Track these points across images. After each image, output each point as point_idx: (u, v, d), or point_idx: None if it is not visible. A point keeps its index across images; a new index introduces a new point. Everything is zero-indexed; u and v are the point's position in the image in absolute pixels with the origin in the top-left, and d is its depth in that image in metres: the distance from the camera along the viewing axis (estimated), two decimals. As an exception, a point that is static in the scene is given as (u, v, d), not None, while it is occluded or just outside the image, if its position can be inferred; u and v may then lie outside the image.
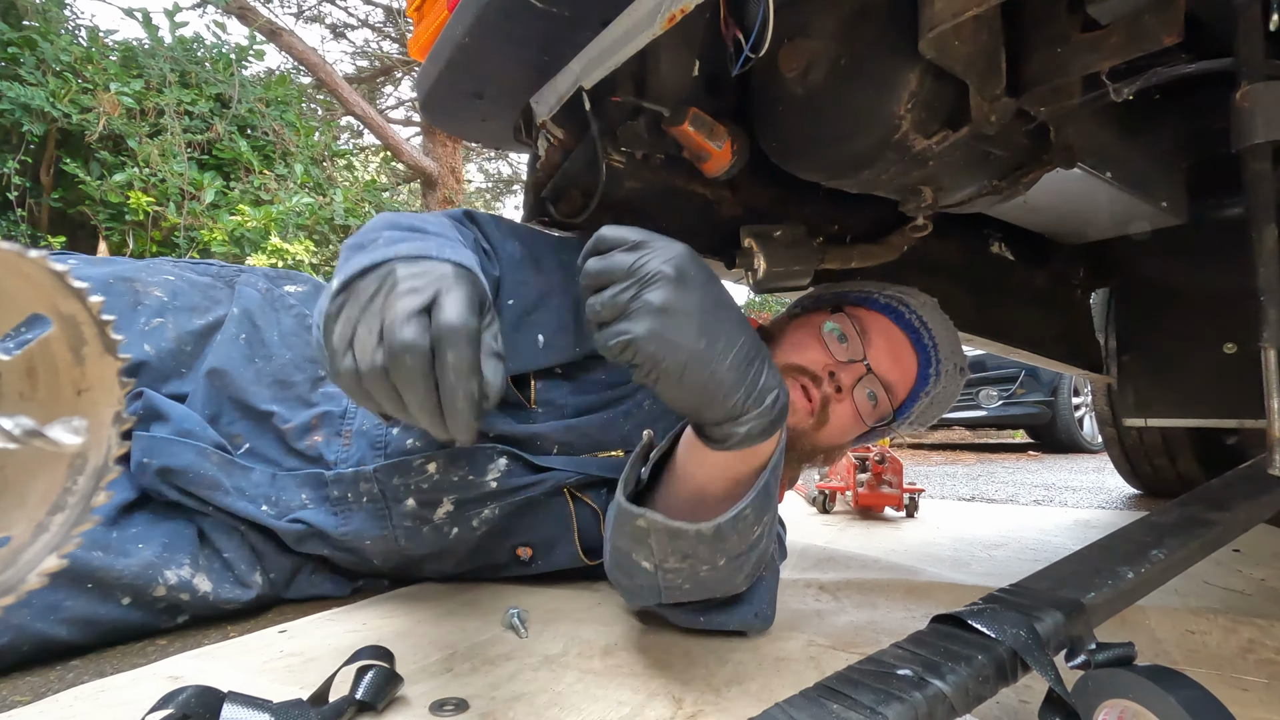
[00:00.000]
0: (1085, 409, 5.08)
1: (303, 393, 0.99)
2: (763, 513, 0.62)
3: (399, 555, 0.97)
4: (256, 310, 1.03)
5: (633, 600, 0.81)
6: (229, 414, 0.96)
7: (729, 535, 0.61)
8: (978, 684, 0.46)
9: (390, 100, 10.97)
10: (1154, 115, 1.23)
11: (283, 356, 1.00)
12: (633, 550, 0.67)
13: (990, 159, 0.87)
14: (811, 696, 0.45)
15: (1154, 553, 0.61)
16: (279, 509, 0.92)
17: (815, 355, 0.95)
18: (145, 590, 0.83)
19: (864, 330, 0.97)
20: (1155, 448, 2.15)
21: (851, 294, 1.05)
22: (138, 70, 4.64)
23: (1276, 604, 0.97)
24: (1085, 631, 0.53)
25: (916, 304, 1.02)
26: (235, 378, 0.96)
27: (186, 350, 0.99)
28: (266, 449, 0.95)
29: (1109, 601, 0.55)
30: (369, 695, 0.60)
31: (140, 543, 0.85)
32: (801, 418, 0.93)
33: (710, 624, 0.80)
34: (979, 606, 0.55)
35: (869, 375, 0.95)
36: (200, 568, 0.88)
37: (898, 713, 0.42)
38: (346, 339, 0.50)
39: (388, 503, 0.93)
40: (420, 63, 0.97)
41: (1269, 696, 0.64)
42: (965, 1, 0.64)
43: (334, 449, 0.96)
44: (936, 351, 0.99)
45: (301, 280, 1.12)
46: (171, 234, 4.36)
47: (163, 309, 0.98)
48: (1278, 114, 0.61)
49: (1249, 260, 0.62)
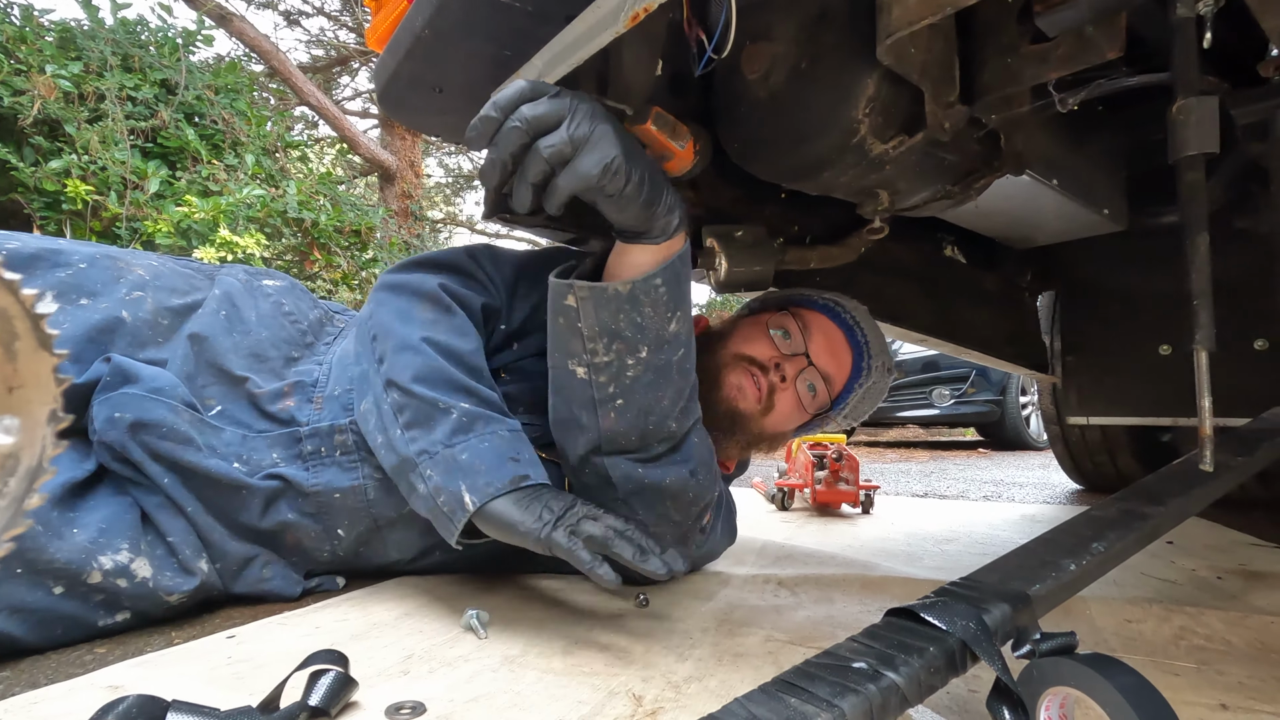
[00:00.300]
0: (1032, 408, 5.27)
1: (276, 367, 1.04)
2: (675, 294, 0.78)
3: (366, 518, 0.98)
4: (236, 294, 1.08)
5: (574, 448, 0.87)
6: (204, 376, 0.99)
7: (644, 302, 0.76)
8: (929, 675, 0.48)
9: (347, 91, 10.71)
10: (1097, 126, 1.28)
11: (260, 334, 1.05)
12: (568, 356, 0.81)
13: (944, 164, 0.90)
14: (770, 691, 0.46)
15: (1095, 546, 0.63)
16: (250, 467, 0.94)
17: (762, 348, 1.06)
18: (78, 576, 0.79)
19: (805, 327, 1.08)
20: (1096, 445, 2.24)
21: (794, 296, 1.17)
22: (76, 52, 4.42)
23: (1206, 593, 1.02)
24: (1031, 622, 0.55)
25: (850, 306, 1.14)
26: (214, 344, 1.00)
27: (163, 323, 1.01)
28: (238, 412, 0.98)
29: (1053, 593, 0.58)
30: (322, 701, 0.58)
31: (76, 527, 0.81)
32: (751, 404, 1.03)
33: (649, 476, 0.86)
34: (931, 600, 0.56)
35: (810, 367, 1.07)
36: (141, 552, 0.85)
37: (853, 705, 0.43)
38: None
39: (360, 454, 0.97)
40: (378, 54, 0.95)
41: (1198, 680, 0.67)
42: (921, 10, 0.65)
43: (306, 412, 1.00)
44: (868, 348, 1.10)
45: (279, 277, 1.18)
46: (113, 225, 4.17)
47: (144, 285, 1.01)
48: (1210, 127, 0.64)
49: (1183, 266, 0.65)
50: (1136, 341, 1.73)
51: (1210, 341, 0.64)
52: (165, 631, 0.87)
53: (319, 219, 5.22)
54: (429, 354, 0.88)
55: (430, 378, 0.86)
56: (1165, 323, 1.68)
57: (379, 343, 0.92)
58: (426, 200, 10.79)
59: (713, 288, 1.07)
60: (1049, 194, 1.21)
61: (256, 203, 4.59)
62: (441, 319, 0.93)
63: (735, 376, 1.03)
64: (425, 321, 0.92)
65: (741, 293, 1.10)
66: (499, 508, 0.78)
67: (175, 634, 0.86)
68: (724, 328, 1.14)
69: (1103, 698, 0.45)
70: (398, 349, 0.89)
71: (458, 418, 0.84)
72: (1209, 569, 1.17)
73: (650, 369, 0.80)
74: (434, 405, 0.84)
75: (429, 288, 0.95)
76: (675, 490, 0.88)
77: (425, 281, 0.96)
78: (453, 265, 1.01)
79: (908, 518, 1.85)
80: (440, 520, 0.82)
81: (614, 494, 0.88)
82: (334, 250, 5.55)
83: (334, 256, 5.57)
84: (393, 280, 0.98)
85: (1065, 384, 1.88)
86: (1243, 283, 1.40)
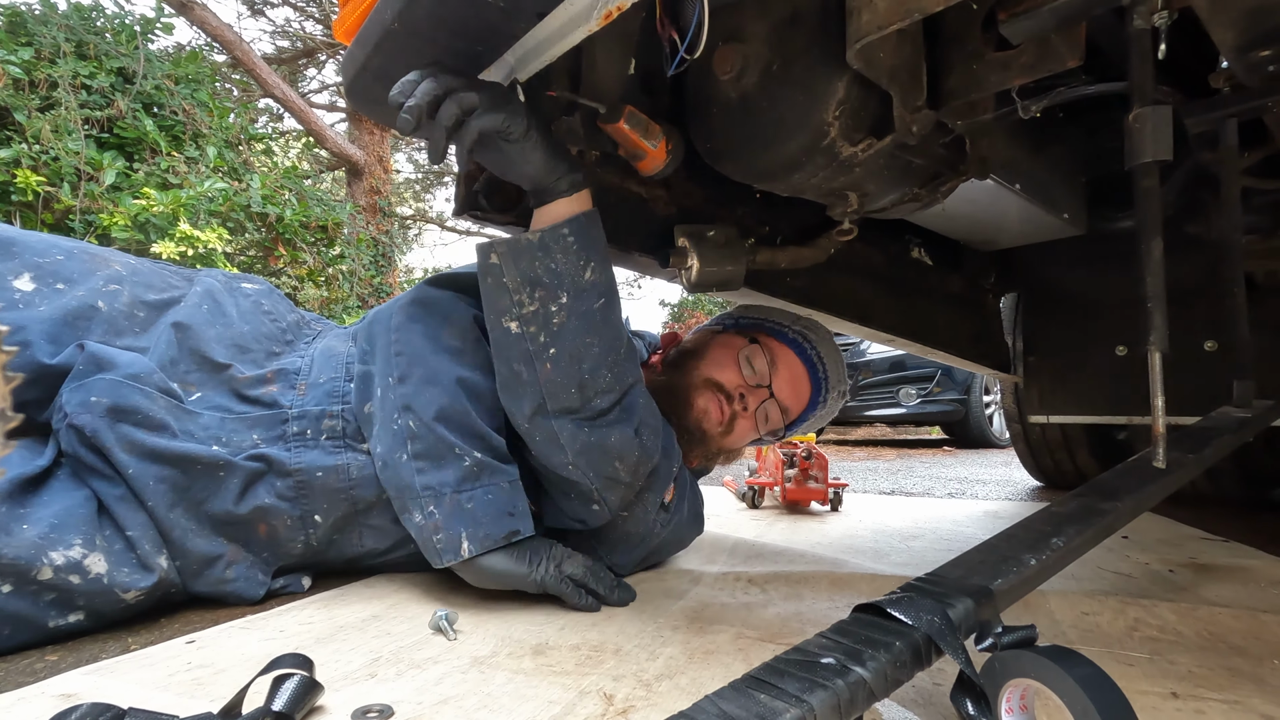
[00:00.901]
0: (995, 407, 5.40)
1: (258, 359, 1.06)
2: (584, 244, 0.85)
3: (345, 502, 0.98)
4: (217, 291, 1.09)
5: (521, 409, 0.90)
6: (187, 362, 0.99)
7: (554, 249, 0.83)
8: (896, 669, 0.49)
9: (313, 84, 10.50)
10: (1058, 133, 1.32)
11: (242, 327, 1.07)
12: (500, 315, 0.86)
13: (912, 168, 0.91)
14: (740, 688, 0.46)
15: (1054, 541, 0.65)
16: (230, 449, 0.94)
17: (730, 376, 1.17)
18: (27, 573, 0.76)
19: (773, 361, 1.19)
20: (1056, 443, 2.30)
21: (767, 324, 1.27)
22: (27, 38, 4.25)
23: (1158, 586, 1.06)
24: (993, 616, 0.56)
25: (816, 339, 1.24)
26: (198, 332, 1.00)
27: (140, 315, 1.01)
28: (219, 397, 0.98)
29: (1014, 587, 0.59)
30: (287, 706, 0.57)
31: (26, 522, 0.78)
32: (712, 426, 1.15)
33: (594, 435, 0.90)
34: (897, 595, 0.57)
35: (771, 400, 1.18)
36: (96, 547, 0.82)
37: (821, 700, 0.44)
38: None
39: (346, 442, 1.00)
40: (346, 46, 0.93)
41: (1152, 670, 0.70)
42: (890, 15, 0.66)
43: (289, 398, 1.02)
44: (827, 382, 1.23)
45: (257, 281, 1.19)
46: (65, 217, 4.02)
47: (120, 279, 1.01)
48: (1165, 135, 0.66)
49: (1138, 270, 0.67)
50: (1094, 342, 1.79)
51: (1163, 343, 0.66)
52: (121, 637, 0.84)
53: (284, 214, 5.11)
54: (456, 395, 0.93)
55: (452, 419, 0.92)
56: (1121, 324, 1.73)
57: (403, 361, 0.95)
58: (395, 196, 10.62)
59: (685, 287, 1.07)
60: (1012, 198, 1.24)
61: (219, 196, 4.47)
62: (469, 350, 0.97)
63: (703, 400, 1.14)
64: (455, 352, 0.96)
65: (713, 292, 1.11)
66: (491, 561, 0.90)
67: (132, 639, 0.83)
68: (695, 345, 1.23)
69: (1061, 688, 0.46)
70: (426, 380, 0.93)
71: (469, 465, 0.91)
72: (1161, 562, 1.22)
73: (574, 315, 0.86)
74: (450, 448, 0.91)
75: (463, 316, 1.00)
76: (620, 449, 0.92)
77: (460, 309, 1.00)
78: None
79: (875, 515, 1.88)
80: (429, 550, 0.91)
81: (564, 457, 0.91)
82: (300, 246, 5.44)
83: (300, 252, 5.46)
84: (428, 296, 1.02)
85: (1027, 383, 1.93)
86: (1193, 286, 1.45)
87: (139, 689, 0.66)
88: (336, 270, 5.90)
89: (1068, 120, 1.32)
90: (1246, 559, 1.24)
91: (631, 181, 1.06)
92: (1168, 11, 0.67)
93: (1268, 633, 0.81)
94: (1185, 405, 1.41)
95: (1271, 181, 1.12)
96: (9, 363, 0.79)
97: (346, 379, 1.04)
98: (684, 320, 11.65)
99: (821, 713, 0.43)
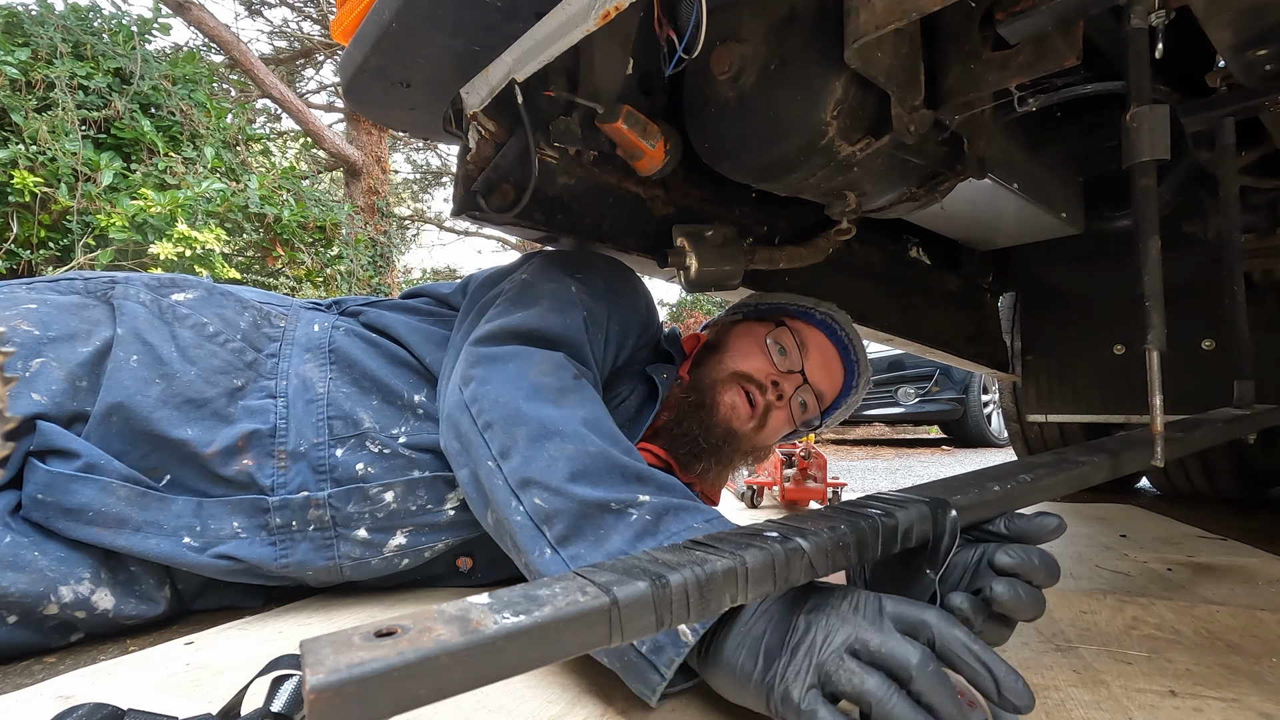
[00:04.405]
0: (993, 406, 5.41)
1: (219, 408, 0.88)
2: None
3: (340, 582, 0.95)
4: (145, 327, 0.90)
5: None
6: (142, 447, 0.85)
7: None
8: (837, 549, 0.48)
9: (311, 84, 10.49)
10: (1056, 132, 1.32)
11: (187, 373, 0.88)
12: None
13: (909, 167, 0.92)
14: (677, 548, 0.47)
15: (1021, 476, 0.65)
16: (204, 539, 0.84)
17: (760, 364, 1.04)
18: (35, 608, 0.76)
19: (803, 344, 1.07)
20: (1054, 442, 2.30)
21: (790, 307, 1.15)
22: (23, 38, 4.24)
23: (1156, 584, 1.06)
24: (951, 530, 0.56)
25: (843, 320, 1.13)
26: (136, 408, 0.84)
27: (82, 386, 0.85)
28: (190, 479, 0.86)
29: (974, 506, 0.58)
30: (286, 707, 0.57)
31: (36, 550, 0.77)
32: (744, 422, 1.01)
33: None
34: (858, 499, 0.58)
35: (805, 385, 1.06)
36: (102, 582, 0.81)
37: (755, 557, 0.44)
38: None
39: (337, 530, 0.89)
40: (344, 46, 0.93)
41: (1149, 668, 0.70)
42: (888, 15, 0.66)
43: (268, 473, 0.88)
44: (858, 366, 1.12)
45: (190, 286, 0.98)
46: (63, 218, 4.01)
47: (38, 346, 0.84)
48: (1162, 134, 0.66)
49: (1135, 269, 0.67)
50: (1092, 341, 1.79)
51: (1161, 342, 0.66)
52: (120, 640, 0.84)
53: (282, 214, 5.10)
54: (584, 437, 0.70)
55: (591, 470, 0.67)
56: (1119, 323, 1.73)
57: (498, 432, 0.72)
58: (393, 196, 10.62)
59: (682, 286, 1.07)
60: (1010, 197, 1.24)
61: (216, 197, 4.46)
62: (570, 388, 0.77)
63: (730, 395, 1.01)
64: (553, 391, 0.75)
65: (711, 292, 1.11)
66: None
67: (131, 642, 0.83)
68: (716, 338, 1.11)
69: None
70: (537, 437, 0.70)
71: (638, 518, 0.64)
72: (1159, 561, 1.22)
73: None
74: (603, 508, 0.64)
75: (554, 359, 0.81)
76: None
77: (549, 356, 0.82)
78: (573, 344, 0.86)
79: (874, 514, 1.88)
80: (632, 670, 0.58)
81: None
82: (298, 247, 5.43)
83: (298, 253, 5.45)
84: (498, 353, 0.81)
85: (1025, 382, 1.93)
86: (1191, 285, 1.45)
87: (137, 691, 0.66)
88: (335, 271, 5.88)
89: (1065, 119, 1.33)
90: (1244, 557, 1.24)
91: (629, 181, 1.06)
92: (1165, 11, 0.68)
93: (1265, 631, 0.81)
94: (1183, 404, 1.41)
95: (1269, 180, 1.12)
96: (7, 363, 0.79)
97: (331, 441, 0.91)
98: (682, 320, 11.65)
99: (754, 569, 0.43)
